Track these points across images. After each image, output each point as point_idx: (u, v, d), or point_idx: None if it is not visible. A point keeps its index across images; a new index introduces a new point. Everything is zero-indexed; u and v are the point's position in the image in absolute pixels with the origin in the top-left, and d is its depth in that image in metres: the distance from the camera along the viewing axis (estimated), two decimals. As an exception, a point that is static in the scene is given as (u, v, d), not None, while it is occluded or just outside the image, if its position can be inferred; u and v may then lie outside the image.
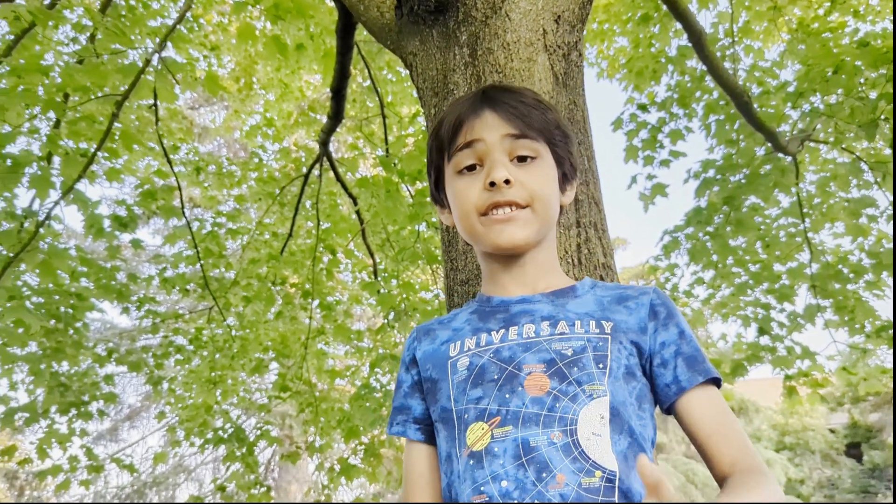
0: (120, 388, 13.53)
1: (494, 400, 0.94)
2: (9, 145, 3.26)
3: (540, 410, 0.91)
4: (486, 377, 0.97)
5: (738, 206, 4.96)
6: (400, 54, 2.17)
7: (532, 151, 1.07)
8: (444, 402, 1.01)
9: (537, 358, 0.96)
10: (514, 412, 0.92)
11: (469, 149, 1.08)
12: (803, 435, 17.70)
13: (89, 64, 3.60)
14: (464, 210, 1.08)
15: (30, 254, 3.54)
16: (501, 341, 1.01)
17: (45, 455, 4.58)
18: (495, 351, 1.00)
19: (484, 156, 1.07)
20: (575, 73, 1.91)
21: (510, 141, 1.07)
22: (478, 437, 0.93)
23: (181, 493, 13.69)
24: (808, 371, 4.70)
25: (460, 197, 1.09)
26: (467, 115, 1.09)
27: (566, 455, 0.88)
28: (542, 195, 1.06)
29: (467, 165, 1.08)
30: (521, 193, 1.04)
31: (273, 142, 6.67)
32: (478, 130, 1.07)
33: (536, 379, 0.94)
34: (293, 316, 5.81)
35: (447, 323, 1.14)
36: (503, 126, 1.07)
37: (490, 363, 0.98)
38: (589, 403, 0.91)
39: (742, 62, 5.42)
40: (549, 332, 1.00)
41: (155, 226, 15.07)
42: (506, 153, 1.06)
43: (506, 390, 0.94)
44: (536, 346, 0.98)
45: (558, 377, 0.94)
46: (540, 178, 1.07)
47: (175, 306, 10.67)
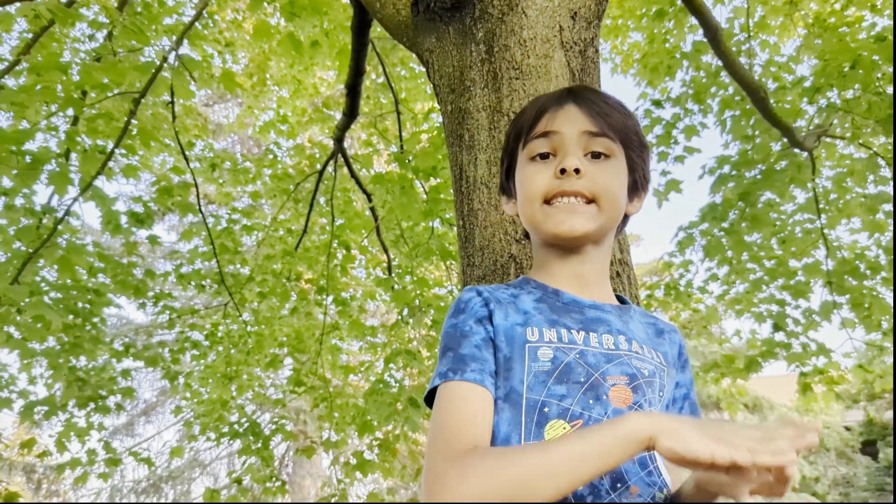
0: (136, 382, 13.65)
1: (578, 402, 0.94)
2: (28, 142, 3.29)
3: None
4: (571, 377, 0.96)
5: (754, 202, 4.93)
6: (416, 51, 2.18)
7: (607, 150, 1.08)
8: (516, 385, 0.97)
9: (620, 371, 0.98)
10: (597, 419, 0.93)
11: (546, 138, 1.09)
12: (818, 432, 17.58)
13: (107, 61, 3.63)
14: (529, 194, 1.09)
15: (48, 250, 3.58)
16: (585, 344, 1.00)
17: (64, 448, 4.63)
18: (581, 353, 0.99)
19: (559, 147, 1.08)
20: (591, 69, 1.92)
21: (587, 137, 1.07)
22: (558, 435, 0.92)
23: (196, 486, 13.80)
24: (823, 368, 4.67)
25: (528, 181, 1.09)
26: (550, 105, 1.11)
27: (642, 468, 0.91)
28: (610, 192, 1.07)
29: (541, 153, 1.09)
30: (588, 186, 1.05)
31: (287, 138, 6.69)
32: (558, 122, 1.08)
33: (620, 391, 0.95)
34: (308, 312, 5.83)
35: (511, 300, 1.08)
36: (584, 121, 1.08)
37: (577, 364, 0.97)
38: None
39: (758, 57, 5.38)
40: (627, 347, 1.01)
41: (171, 222, 15.17)
42: (581, 148, 1.07)
43: (590, 396, 0.94)
44: (618, 358, 0.99)
45: (639, 392, 0.97)
46: (611, 177, 1.08)
47: (191, 302, 10.74)
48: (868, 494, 16.18)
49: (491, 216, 1.71)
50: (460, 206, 1.82)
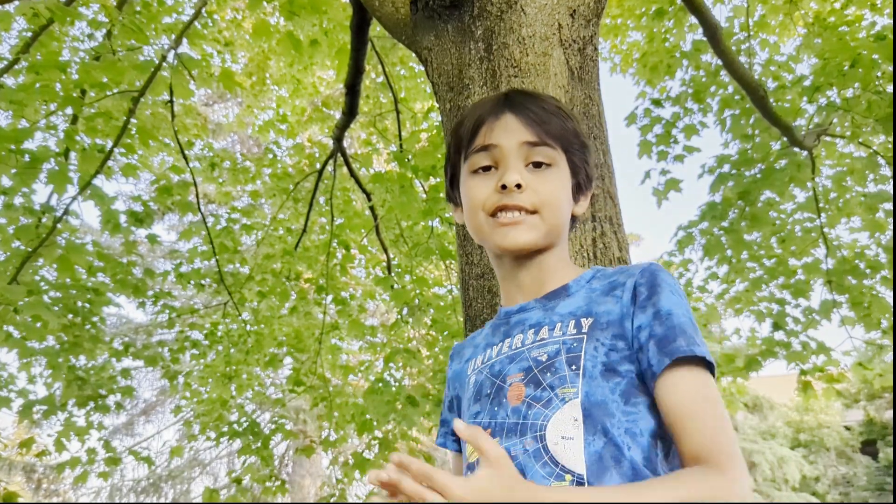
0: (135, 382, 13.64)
1: (487, 413, 1.00)
2: (27, 141, 3.29)
3: (517, 419, 0.95)
4: (482, 392, 1.04)
5: (754, 201, 4.93)
6: (415, 49, 2.18)
7: (548, 159, 1.08)
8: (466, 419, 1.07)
9: (518, 367, 1.00)
10: (500, 423, 0.97)
11: (486, 151, 1.08)
12: (818, 432, 17.59)
13: (106, 60, 3.63)
14: (473, 208, 1.09)
15: (48, 249, 3.58)
16: (497, 355, 1.06)
17: (63, 448, 4.62)
18: (490, 366, 1.05)
19: (500, 160, 1.07)
20: (590, 67, 1.91)
21: (527, 148, 1.07)
22: (472, 450, 0.98)
23: (196, 486, 13.80)
24: (823, 366, 4.67)
25: (471, 195, 1.10)
26: (488, 116, 1.10)
27: (537, 461, 0.90)
28: (552, 202, 1.06)
29: (483, 166, 1.09)
30: (530, 199, 1.04)
31: (286, 138, 6.70)
32: (496, 134, 1.08)
33: (515, 389, 0.98)
34: (307, 311, 5.83)
35: (474, 338, 1.20)
36: (522, 132, 1.07)
37: (486, 379, 1.05)
38: (562, 407, 0.92)
39: (758, 56, 5.38)
40: (532, 339, 1.02)
41: (170, 221, 15.15)
42: (521, 159, 1.07)
43: (495, 403, 1.00)
44: (519, 356, 1.02)
45: (534, 384, 0.96)
46: (552, 186, 1.07)
47: (190, 301, 10.74)
48: (868, 494, 16.19)
49: (490, 214, 1.71)
50: (459, 205, 1.82)
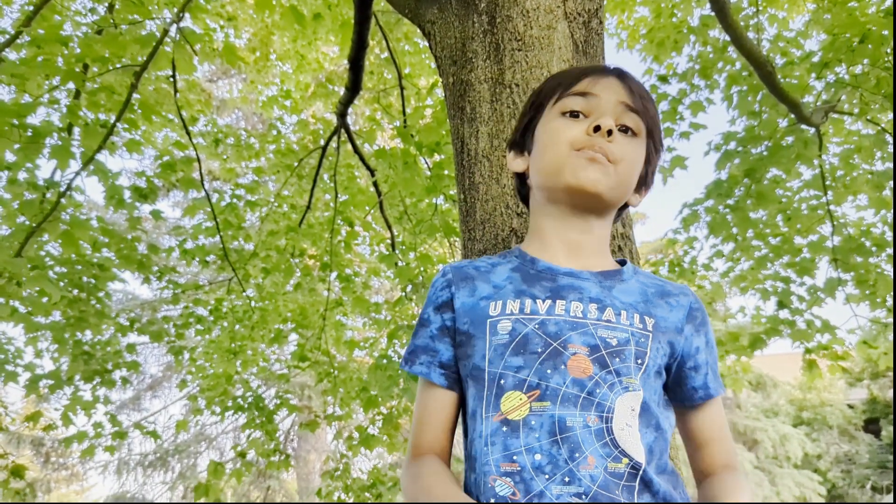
0: (142, 357, 13.75)
1: (535, 373, 0.94)
2: (29, 116, 3.28)
3: (580, 392, 0.93)
4: (528, 347, 0.97)
5: (760, 179, 4.90)
6: (418, 23, 2.15)
7: (636, 128, 1.08)
8: (478, 361, 1.00)
9: (582, 340, 0.97)
10: (554, 389, 0.93)
11: (583, 98, 1.08)
12: (821, 410, 17.64)
13: (108, 34, 3.60)
14: (556, 141, 1.07)
15: (52, 224, 3.58)
16: (547, 314, 1.00)
17: (70, 422, 4.67)
18: (541, 322, 0.99)
19: (594, 109, 1.07)
20: (595, 41, 1.89)
21: (623, 109, 1.07)
22: (514, 406, 0.93)
23: (202, 460, 13.95)
24: (828, 345, 4.67)
25: (557, 131, 1.08)
26: (594, 71, 1.11)
27: (598, 439, 0.90)
28: (630, 164, 1.07)
29: (573, 111, 1.08)
30: (617, 151, 1.04)
31: (291, 114, 6.67)
32: (599, 87, 1.08)
33: (580, 361, 0.95)
34: (312, 288, 5.85)
35: (485, 273, 1.11)
36: (623, 94, 1.08)
37: (534, 334, 0.98)
38: (623, 395, 0.94)
39: (766, 32, 5.31)
40: (597, 316, 1.00)
41: (174, 198, 15.18)
42: (614, 117, 1.07)
43: (548, 365, 0.95)
44: (583, 327, 0.98)
45: (600, 364, 0.95)
46: (634, 153, 1.08)
47: (195, 277, 10.78)
48: (870, 472, 16.27)
49: (492, 190, 1.70)
50: (461, 180, 1.81)
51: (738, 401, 17.77)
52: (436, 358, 1.07)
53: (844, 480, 16.50)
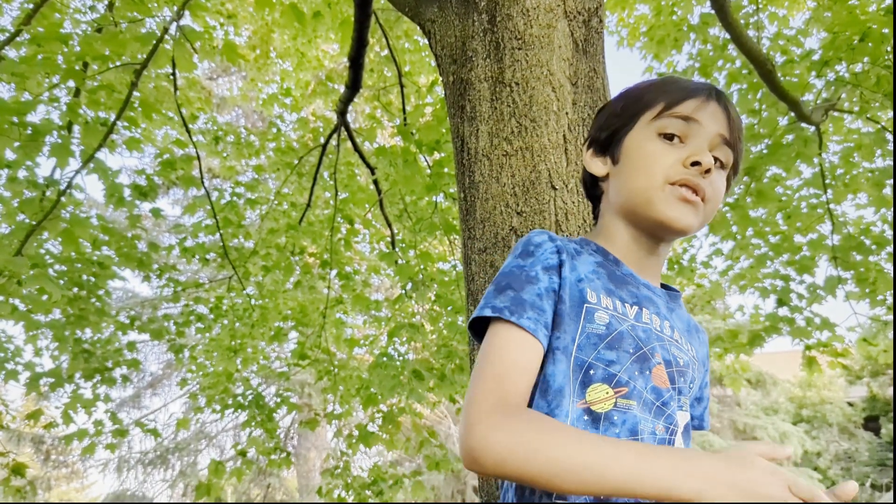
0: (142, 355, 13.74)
1: (626, 371, 0.95)
2: (30, 114, 3.28)
3: (656, 400, 0.96)
4: (623, 345, 0.96)
5: (760, 177, 4.90)
6: (418, 21, 2.15)
7: (727, 161, 1.07)
8: (568, 342, 0.96)
9: (662, 352, 1.00)
10: (639, 392, 0.95)
11: (685, 122, 1.04)
12: (821, 408, 17.65)
13: (108, 32, 3.60)
14: (650, 171, 1.04)
15: (52, 222, 3.58)
16: (636, 319, 1.00)
17: (70, 420, 4.67)
18: (634, 326, 0.99)
19: (693, 137, 1.04)
20: (595, 39, 1.89)
21: (720, 141, 1.05)
22: (600, 398, 0.93)
23: (203, 458, 13.96)
24: (827, 342, 4.68)
25: (653, 157, 1.04)
26: (700, 93, 1.06)
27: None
28: (717, 201, 1.06)
29: (670, 133, 1.05)
30: (708, 189, 1.02)
31: (291, 112, 6.66)
32: (704, 114, 1.05)
33: (661, 371, 0.98)
34: (312, 285, 5.85)
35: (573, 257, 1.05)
36: (724, 125, 1.05)
37: (628, 334, 0.98)
38: (679, 412, 0.99)
39: (766, 30, 5.31)
40: (670, 333, 1.04)
41: (175, 196, 15.16)
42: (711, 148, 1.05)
43: (636, 367, 0.96)
44: (662, 341, 1.01)
45: (672, 379, 1.00)
46: (721, 187, 1.07)
47: (195, 275, 10.78)
48: (869, 469, 16.28)
49: (492, 188, 1.70)
50: (462, 179, 1.81)
51: (737, 399, 17.79)
52: (542, 317, 0.97)
53: (844, 478, 16.51)
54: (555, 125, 1.71)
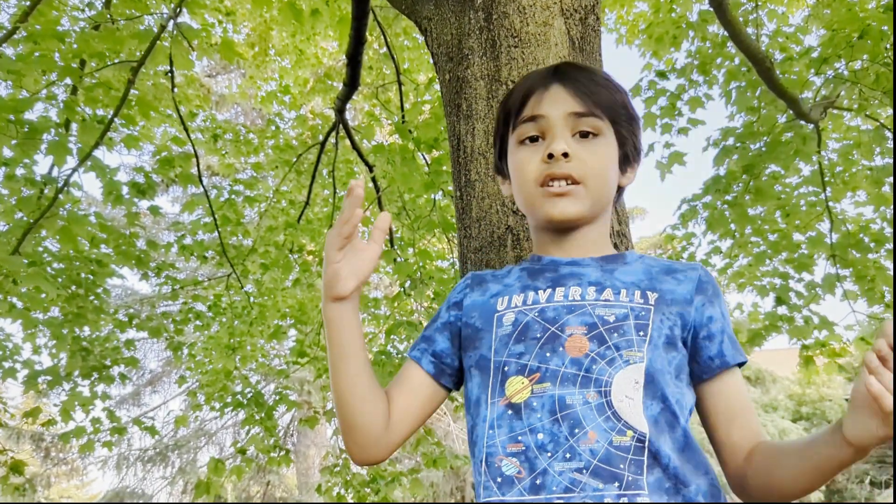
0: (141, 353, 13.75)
1: (535, 357, 0.98)
2: (27, 111, 3.27)
3: (577, 371, 0.96)
4: (529, 334, 1.01)
5: (758, 175, 4.89)
6: (414, 19, 2.15)
7: (594, 129, 1.10)
8: (485, 352, 1.05)
9: (580, 321, 1.00)
10: (554, 371, 0.96)
11: (533, 122, 1.11)
12: (820, 405, 17.66)
13: (105, 30, 3.60)
14: (522, 179, 1.11)
15: (49, 220, 3.57)
16: (547, 301, 1.05)
17: (69, 417, 4.67)
18: (540, 310, 1.04)
19: (547, 130, 1.10)
20: (592, 37, 1.89)
21: (574, 118, 1.09)
22: (517, 390, 0.97)
23: (202, 455, 13.97)
24: (825, 341, 4.67)
25: (519, 167, 1.12)
26: (537, 87, 1.13)
27: (599, 414, 0.93)
28: (598, 173, 1.09)
29: (530, 136, 1.11)
30: (577, 168, 1.07)
31: (289, 109, 6.66)
32: (544, 105, 1.10)
33: (577, 341, 0.98)
34: (310, 283, 5.85)
35: (500, 278, 1.17)
36: (569, 103, 1.09)
37: (534, 321, 1.02)
38: (625, 368, 0.96)
39: (765, 27, 5.30)
40: (595, 297, 1.04)
41: (173, 193, 15.17)
42: (568, 129, 1.09)
43: (547, 349, 0.99)
44: (580, 309, 1.02)
45: (598, 341, 0.98)
46: (598, 156, 1.10)
47: (194, 273, 10.78)
48: (868, 466, 16.29)
49: (488, 187, 1.70)
50: (458, 177, 1.81)
51: (737, 396, 17.80)
52: (431, 346, 1.14)
53: (843, 475, 16.53)
54: (551, 123, 1.70)
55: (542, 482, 0.90)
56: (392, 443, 1.10)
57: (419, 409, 1.13)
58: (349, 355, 1.07)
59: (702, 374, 1.05)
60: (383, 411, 1.09)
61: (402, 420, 1.10)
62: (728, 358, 1.04)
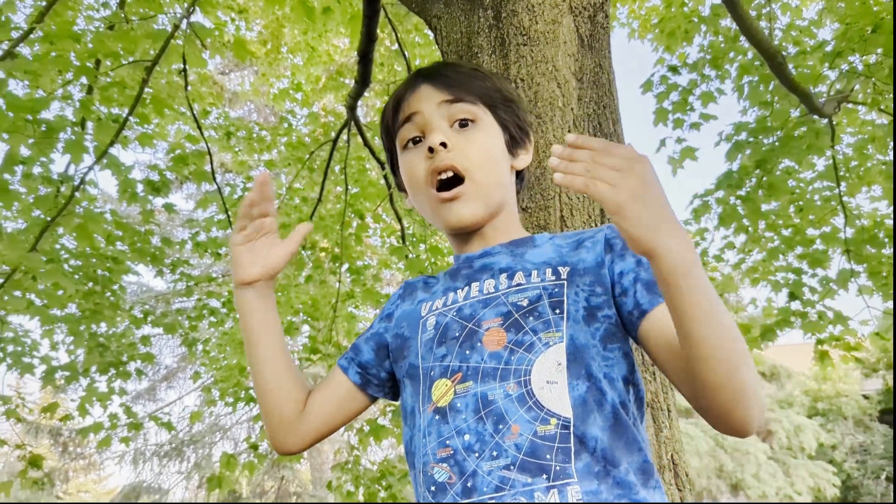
0: (157, 349, 13.88)
1: (456, 357, 0.97)
2: (43, 111, 3.31)
3: (497, 364, 0.93)
4: (448, 335, 1.00)
5: (771, 170, 4.87)
6: (424, 17, 2.16)
7: (470, 115, 1.09)
8: (413, 360, 1.04)
9: (495, 312, 0.98)
10: (475, 368, 0.94)
11: (410, 122, 1.10)
12: (836, 401, 17.53)
13: (119, 30, 3.63)
14: (414, 185, 1.10)
15: (66, 218, 3.62)
16: (465, 299, 1.04)
17: (86, 412, 4.73)
18: (458, 309, 1.03)
19: (424, 126, 1.09)
20: (601, 34, 1.89)
21: (447, 107, 1.08)
22: (442, 394, 0.95)
23: (217, 450, 14.08)
24: (840, 336, 4.64)
25: (407, 171, 1.11)
26: (404, 91, 1.13)
27: (521, 405, 0.89)
28: (481, 160, 1.07)
29: (411, 138, 1.11)
30: (458, 159, 1.05)
31: (302, 107, 6.69)
32: (414, 103, 1.10)
33: (494, 334, 0.96)
34: (323, 280, 5.87)
35: (430, 285, 1.17)
36: (438, 94, 1.09)
37: (453, 321, 1.01)
38: (545, 352, 0.92)
39: (778, 21, 5.28)
40: (507, 284, 1.01)
41: (187, 190, 15.27)
42: (445, 119, 1.08)
43: (466, 347, 0.97)
44: (495, 300, 1.00)
45: (515, 329, 0.95)
46: (479, 143, 1.08)
47: (208, 270, 10.86)
48: (885, 462, 16.17)
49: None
50: (467, 174, 1.82)
51: (751, 392, 17.68)
52: (358, 356, 1.15)
53: (859, 471, 16.42)
54: (560, 121, 1.72)
55: (472, 484, 0.88)
56: (305, 433, 1.11)
57: (335, 406, 1.13)
58: (257, 342, 1.10)
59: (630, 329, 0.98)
60: (296, 399, 1.10)
61: (316, 413, 1.11)
62: (645, 306, 0.94)
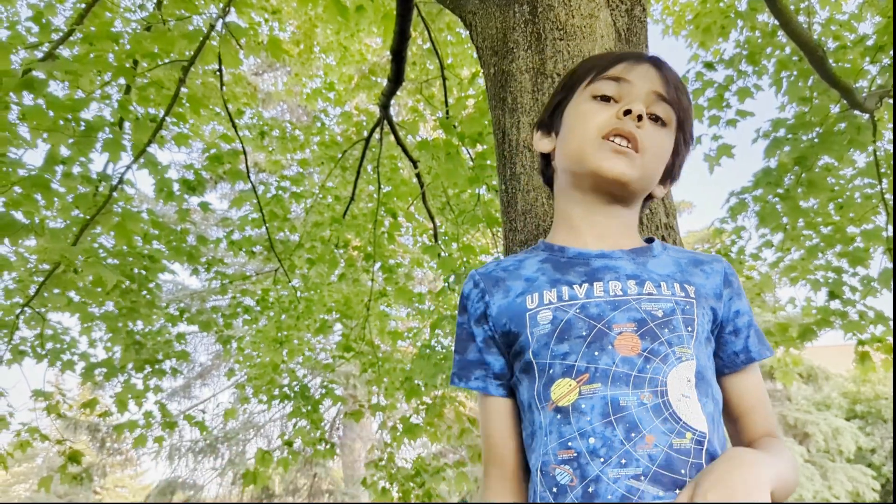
0: (192, 346, 14.06)
1: (583, 357, 0.93)
2: (83, 111, 3.37)
3: (630, 370, 0.91)
4: (572, 333, 0.96)
5: (811, 167, 4.77)
6: (459, 14, 2.15)
7: (666, 118, 1.08)
8: (526, 356, 0.99)
9: (627, 317, 0.95)
10: (604, 370, 0.91)
11: (616, 83, 1.08)
12: (875, 403, 17.17)
13: (156, 30, 3.68)
14: (583, 128, 1.07)
15: (105, 216, 3.68)
16: (587, 297, 0.99)
17: (125, 408, 4.81)
18: (582, 307, 0.98)
19: (626, 95, 1.07)
20: (638, 29, 1.87)
21: (655, 98, 1.07)
22: (564, 393, 0.92)
23: (251, 447, 14.22)
24: (882, 337, 4.54)
25: (585, 116, 1.08)
26: (630, 57, 1.11)
27: (657, 416, 0.88)
28: (657, 152, 1.07)
29: (604, 95, 1.08)
30: (644, 137, 1.04)
31: (334, 106, 6.72)
32: (634, 73, 1.08)
33: (627, 339, 0.93)
34: (356, 278, 5.90)
35: (514, 271, 1.10)
36: (657, 82, 1.08)
37: (577, 319, 0.97)
38: (677, 366, 0.92)
39: (817, 15, 5.17)
40: (637, 291, 0.99)
41: (222, 190, 15.45)
42: (646, 105, 1.07)
43: (595, 348, 0.93)
44: (625, 304, 0.97)
45: (650, 337, 0.93)
46: (660, 142, 1.08)
47: (242, 268, 10.96)
48: (927, 467, 15.78)
49: (534, 180, 1.69)
50: (503, 170, 1.81)
51: (788, 393, 17.41)
52: (489, 371, 1.07)
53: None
54: (597, 116, 1.69)
55: (594, 490, 0.85)
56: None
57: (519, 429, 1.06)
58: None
59: (724, 368, 1.03)
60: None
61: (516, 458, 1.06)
62: (754, 354, 1.02)
